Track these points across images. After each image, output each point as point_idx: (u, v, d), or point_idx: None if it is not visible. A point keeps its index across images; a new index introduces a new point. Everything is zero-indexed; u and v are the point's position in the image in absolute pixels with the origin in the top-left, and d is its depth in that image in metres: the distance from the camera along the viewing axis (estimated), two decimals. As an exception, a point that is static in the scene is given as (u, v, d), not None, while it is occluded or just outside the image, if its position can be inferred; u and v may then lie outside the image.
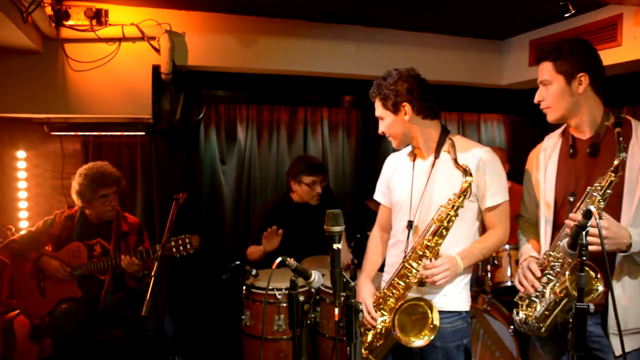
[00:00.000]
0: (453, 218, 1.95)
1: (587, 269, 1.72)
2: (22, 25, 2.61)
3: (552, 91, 1.93)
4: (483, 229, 2.14)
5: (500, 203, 2.05)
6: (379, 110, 2.13)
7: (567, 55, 1.90)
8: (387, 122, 2.12)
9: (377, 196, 2.38)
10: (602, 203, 1.77)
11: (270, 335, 2.94)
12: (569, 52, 1.90)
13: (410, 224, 2.09)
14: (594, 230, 1.63)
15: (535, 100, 1.99)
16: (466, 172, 1.92)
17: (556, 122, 2.01)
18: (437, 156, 2.09)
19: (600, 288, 1.73)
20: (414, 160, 2.18)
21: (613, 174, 1.76)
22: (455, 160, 1.96)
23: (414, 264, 1.99)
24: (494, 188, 2.03)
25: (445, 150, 2.04)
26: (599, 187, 1.78)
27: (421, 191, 2.09)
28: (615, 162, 1.76)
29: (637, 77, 3.47)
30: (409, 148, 2.24)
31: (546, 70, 1.93)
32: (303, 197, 3.45)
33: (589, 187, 1.81)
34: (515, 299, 2.04)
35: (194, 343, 3.96)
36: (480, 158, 2.03)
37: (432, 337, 1.95)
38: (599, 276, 1.74)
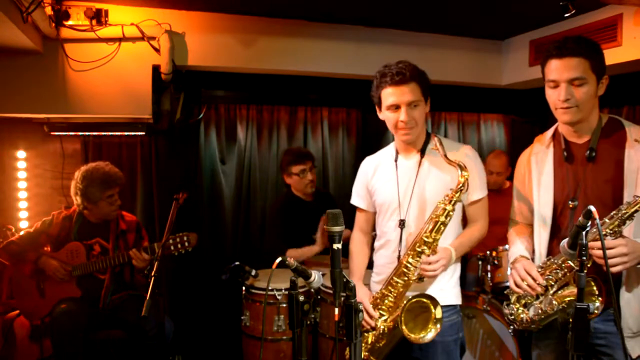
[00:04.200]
0: (451, 213, 1.97)
1: (592, 283, 1.72)
2: (22, 25, 2.60)
3: (585, 90, 1.78)
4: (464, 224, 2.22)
5: (482, 197, 2.14)
6: (416, 94, 2.02)
7: (598, 54, 1.81)
8: (420, 108, 2.06)
9: (355, 200, 2.35)
10: (622, 227, 1.72)
11: (270, 336, 2.94)
12: (598, 51, 1.81)
13: (402, 223, 2.09)
14: (613, 252, 1.64)
15: (563, 98, 1.79)
16: (461, 167, 1.95)
17: (571, 124, 1.88)
18: (423, 154, 2.12)
19: (598, 304, 1.71)
20: (396, 160, 2.18)
21: None
22: (446, 156, 1.98)
23: (412, 261, 2.00)
24: (477, 183, 2.09)
25: (433, 148, 2.05)
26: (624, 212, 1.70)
27: (410, 189, 2.10)
28: None
29: (637, 77, 3.46)
30: (385, 149, 2.27)
31: (580, 66, 1.77)
32: (297, 188, 3.46)
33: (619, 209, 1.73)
34: (506, 292, 2.06)
35: (194, 343, 3.96)
36: (466, 154, 2.09)
37: (438, 330, 1.95)
38: (597, 292, 1.72)
